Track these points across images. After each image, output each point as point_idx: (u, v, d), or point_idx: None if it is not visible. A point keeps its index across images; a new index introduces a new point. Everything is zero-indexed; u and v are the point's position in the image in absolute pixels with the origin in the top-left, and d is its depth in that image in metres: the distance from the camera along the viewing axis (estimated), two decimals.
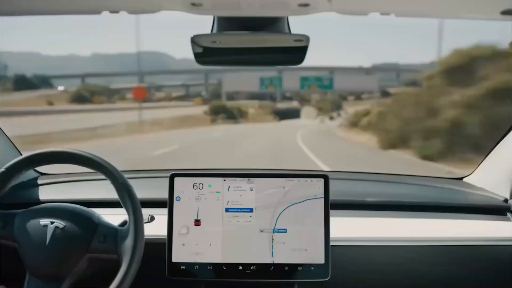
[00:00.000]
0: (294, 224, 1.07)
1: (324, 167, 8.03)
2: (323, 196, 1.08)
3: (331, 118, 37.30)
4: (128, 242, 0.93)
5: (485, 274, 1.18)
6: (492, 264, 1.18)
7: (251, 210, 1.08)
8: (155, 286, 1.15)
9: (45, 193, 1.30)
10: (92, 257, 0.96)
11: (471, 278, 1.18)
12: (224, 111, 31.21)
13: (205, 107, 32.35)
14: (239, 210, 1.08)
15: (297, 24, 0.90)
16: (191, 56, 0.92)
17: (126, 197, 0.96)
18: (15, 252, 0.96)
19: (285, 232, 1.07)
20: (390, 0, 0.79)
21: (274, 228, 1.07)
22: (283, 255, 1.06)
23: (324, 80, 30.51)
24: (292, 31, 0.90)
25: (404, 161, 10.39)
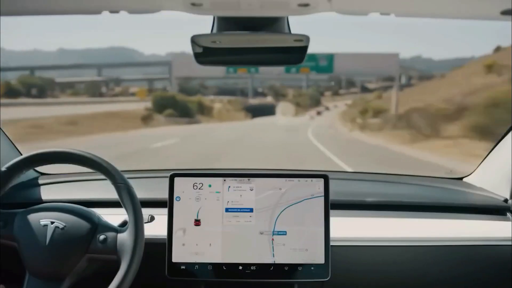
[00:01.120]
0: (294, 225, 1.07)
1: None
2: (320, 195, 1.08)
3: (319, 113, 35.26)
4: (128, 243, 0.93)
5: (485, 274, 1.18)
6: (492, 264, 1.18)
7: (251, 210, 1.08)
8: (155, 286, 1.15)
9: (45, 193, 1.30)
10: (92, 258, 0.96)
11: (471, 278, 1.18)
12: (174, 106, 22.34)
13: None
14: (239, 210, 1.08)
15: (296, 25, 0.90)
16: (160, 52, 0.87)
17: (126, 197, 0.96)
18: (15, 252, 0.96)
19: (285, 234, 1.07)
20: (390, 0, 0.79)
21: (274, 231, 1.07)
22: (283, 255, 1.06)
23: (319, 60, 20.49)
24: (291, 31, 0.90)
25: None
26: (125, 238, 0.94)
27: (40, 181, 1.37)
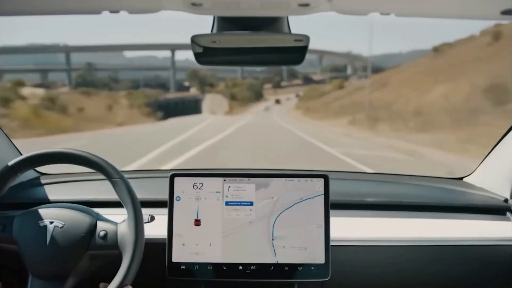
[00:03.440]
0: (293, 228, 1.07)
1: None
2: (320, 194, 1.08)
3: (277, 101, 29.22)
4: (129, 236, 0.93)
5: (485, 274, 1.18)
6: (492, 264, 1.18)
7: (251, 203, 1.07)
8: (155, 286, 1.15)
9: (45, 193, 1.30)
10: (94, 254, 0.96)
11: (471, 278, 1.18)
12: None
13: None
14: (239, 203, 1.08)
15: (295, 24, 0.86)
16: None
17: (123, 191, 0.96)
18: (16, 255, 0.96)
19: (285, 239, 1.07)
20: (390, 0, 0.80)
21: (273, 236, 1.07)
22: (283, 256, 1.06)
23: None
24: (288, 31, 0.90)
25: None
26: (125, 231, 0.94)
27: (40, 181, 1.37)
